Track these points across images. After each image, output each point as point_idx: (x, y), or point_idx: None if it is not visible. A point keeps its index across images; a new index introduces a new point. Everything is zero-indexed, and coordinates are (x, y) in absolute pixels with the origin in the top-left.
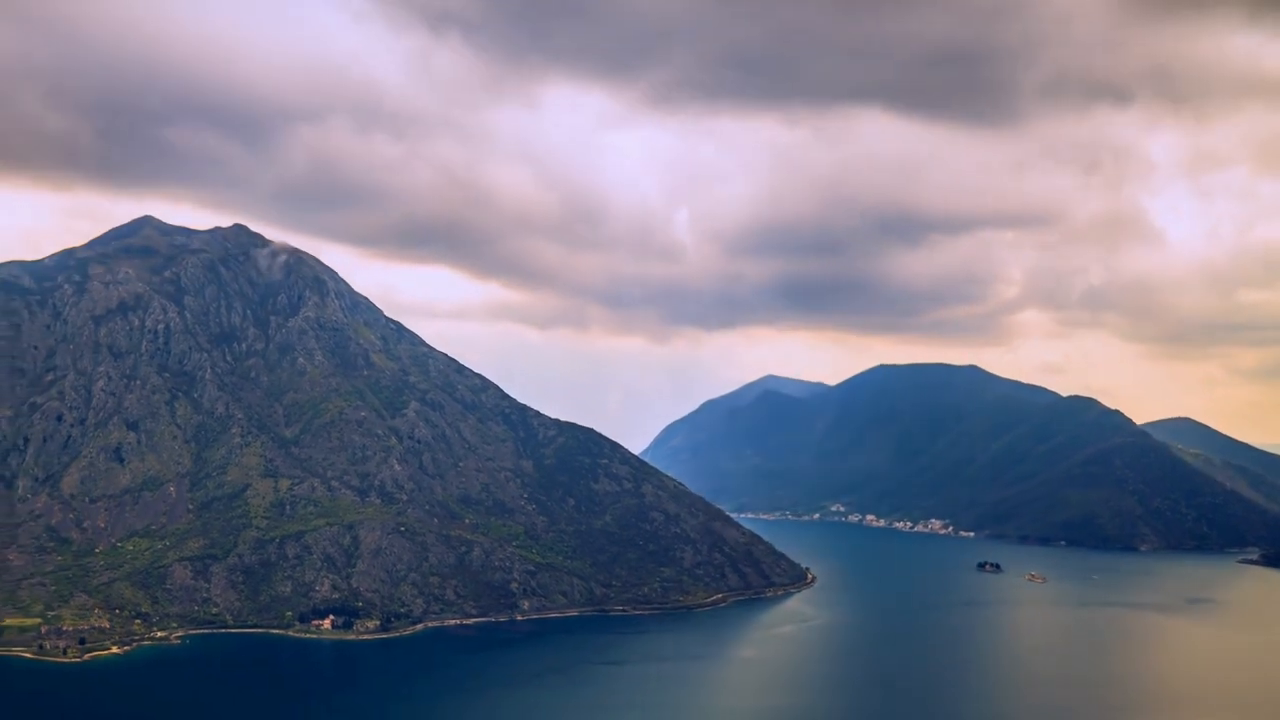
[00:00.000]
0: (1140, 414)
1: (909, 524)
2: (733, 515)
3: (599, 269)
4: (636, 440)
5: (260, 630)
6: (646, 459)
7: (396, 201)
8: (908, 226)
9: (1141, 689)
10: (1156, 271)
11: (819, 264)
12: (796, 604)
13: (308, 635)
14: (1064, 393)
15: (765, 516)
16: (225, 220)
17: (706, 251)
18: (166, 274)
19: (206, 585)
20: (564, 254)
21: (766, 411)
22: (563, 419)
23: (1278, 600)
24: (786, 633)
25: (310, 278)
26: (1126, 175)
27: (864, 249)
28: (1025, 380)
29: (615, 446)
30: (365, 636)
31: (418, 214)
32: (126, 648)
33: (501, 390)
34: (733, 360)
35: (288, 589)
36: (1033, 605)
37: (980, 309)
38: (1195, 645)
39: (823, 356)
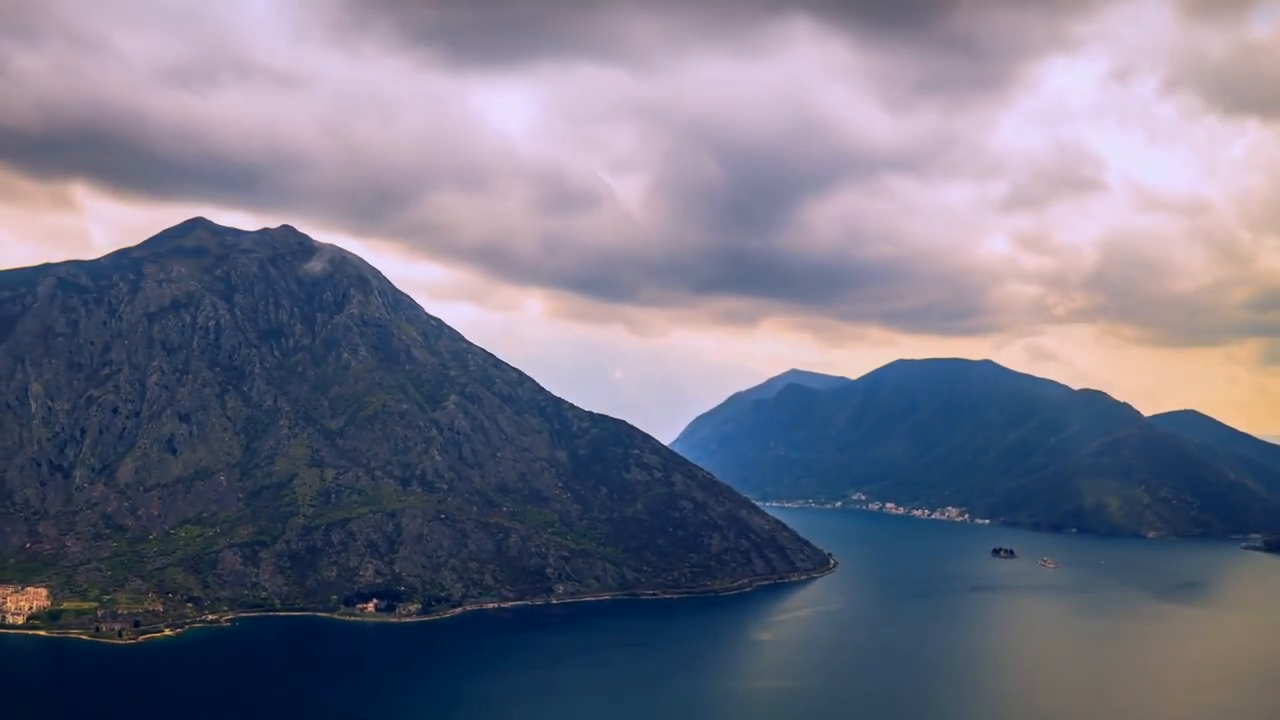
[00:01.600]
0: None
1: (926, 512)
2: (758, 503)
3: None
4: (666, 432)
5: (307, 613)
6: (676, 450)
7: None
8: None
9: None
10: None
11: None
12: (818, 589)
13: (352, 618)
14: (1074, 386)
15: (789, 505)
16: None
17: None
18: (217, 273)
19: (255, 570)
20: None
21: (790, 405)
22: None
23: (1270, 585)
24: (804, 616)
25: (354, 276)
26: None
27: (785, 214)
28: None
29: (646, 437)
30: (407, 619)
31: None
32: (179, 630)
33: (537, 384)
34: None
35: (333, 574)
36: (1043, 589)
37: (945, 293)
38: (1187, 628)
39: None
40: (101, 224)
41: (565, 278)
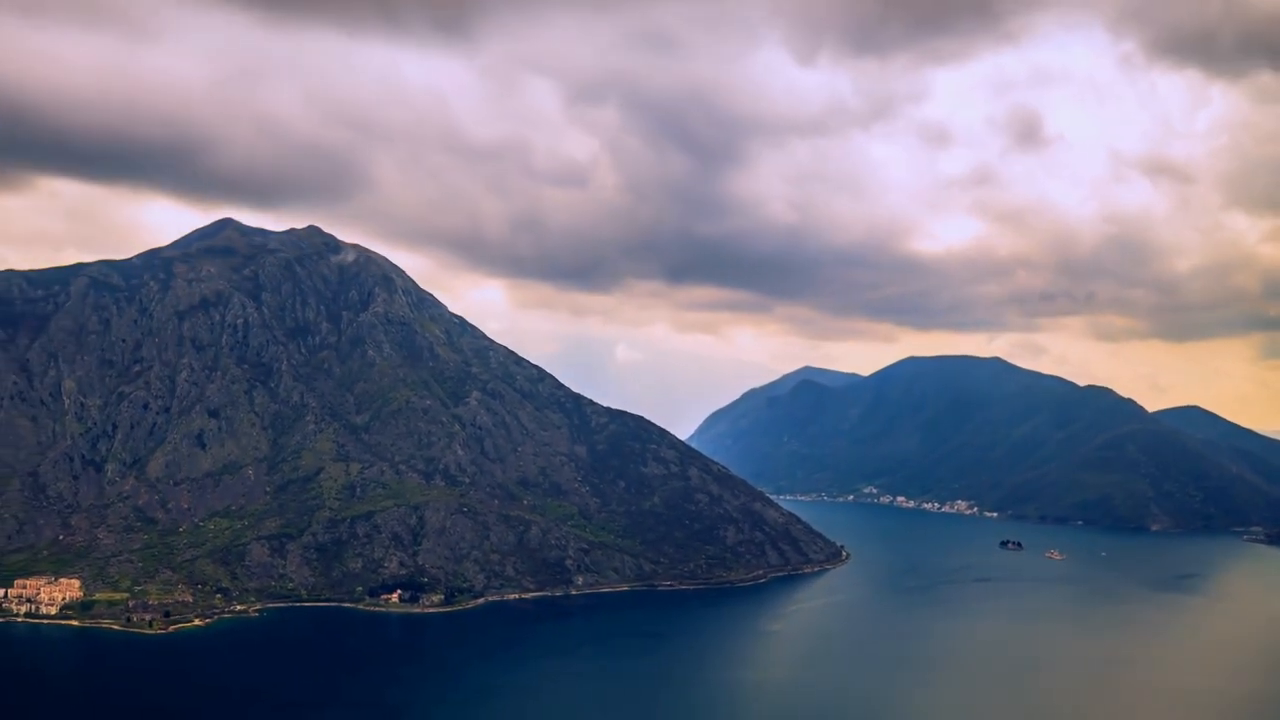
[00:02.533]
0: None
1: (936, 505)
2: (772, 497)
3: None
4: (682, 427)
5: (333, 604)
6: (692, 445)
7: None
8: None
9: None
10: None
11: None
12: (831, 580)
13: (377, 608)
14: (1079, 382)
15: (803, 498)
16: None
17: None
18: (246, 272)
19: (283, 562)
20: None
21: (804, 400)
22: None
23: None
24: (816, 608)
25: (379, 276)
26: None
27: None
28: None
29: (663, 433)
30: (430, 609)
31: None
32: (208, 620)
33: (557, 380)
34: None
35: (358, 565)
36: (1049, 581)
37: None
38: (1193, 618)
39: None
40: None
41: (525, 262)
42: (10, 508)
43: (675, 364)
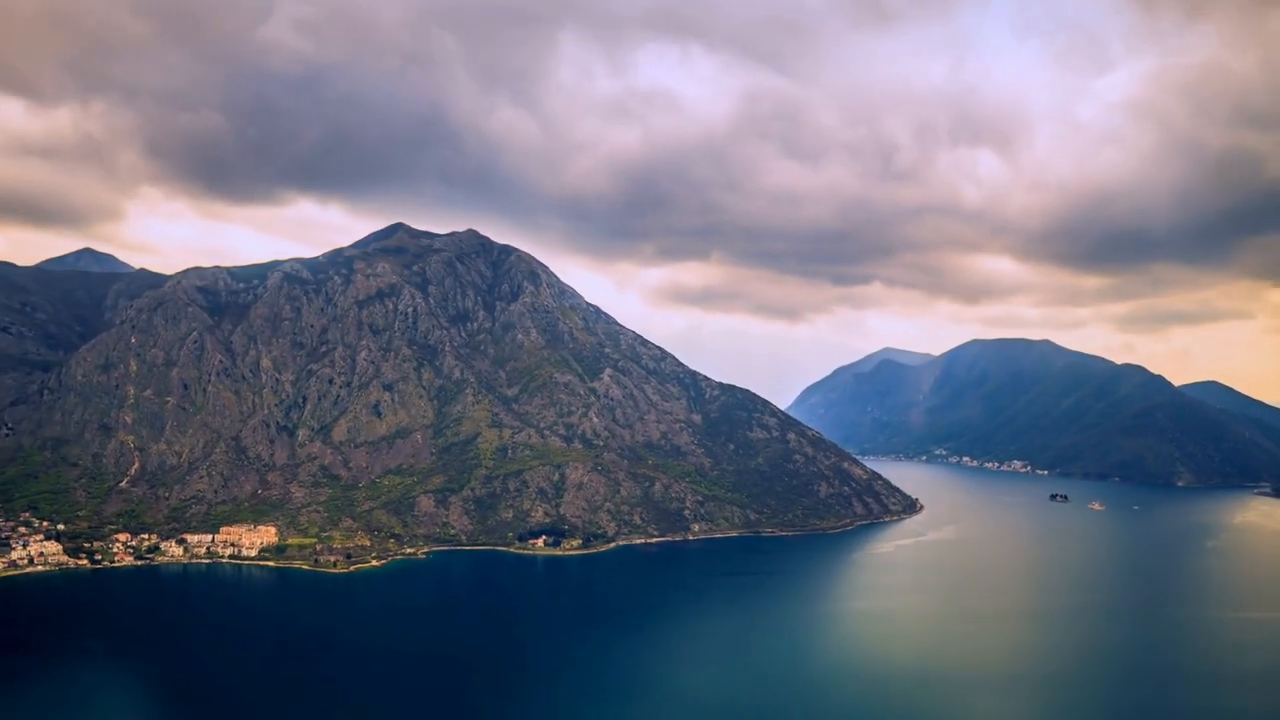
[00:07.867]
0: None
1: (996, 464)
2: (857, 457)
3: None
4: (782, 398)
5: (487, 547)
6: (790, 413)
7: None
8: None
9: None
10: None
11: None
12: (908, 526)
13: (525, 551)
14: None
15: (883, 459)
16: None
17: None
18: (415, 268)
19: (446, 512)
20: None
21: (884, 376)
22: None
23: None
24: (893, 550)
25: (527, 271)
26: None
27: None
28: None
29: (765, 403)
30: (570, 552)
31: None
32: (383, 561)
33: (677, 359)
34: None
35: (509, 515)
36: (1092, 526)
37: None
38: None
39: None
40: None
41: None
42: (217, 466)
43: None
